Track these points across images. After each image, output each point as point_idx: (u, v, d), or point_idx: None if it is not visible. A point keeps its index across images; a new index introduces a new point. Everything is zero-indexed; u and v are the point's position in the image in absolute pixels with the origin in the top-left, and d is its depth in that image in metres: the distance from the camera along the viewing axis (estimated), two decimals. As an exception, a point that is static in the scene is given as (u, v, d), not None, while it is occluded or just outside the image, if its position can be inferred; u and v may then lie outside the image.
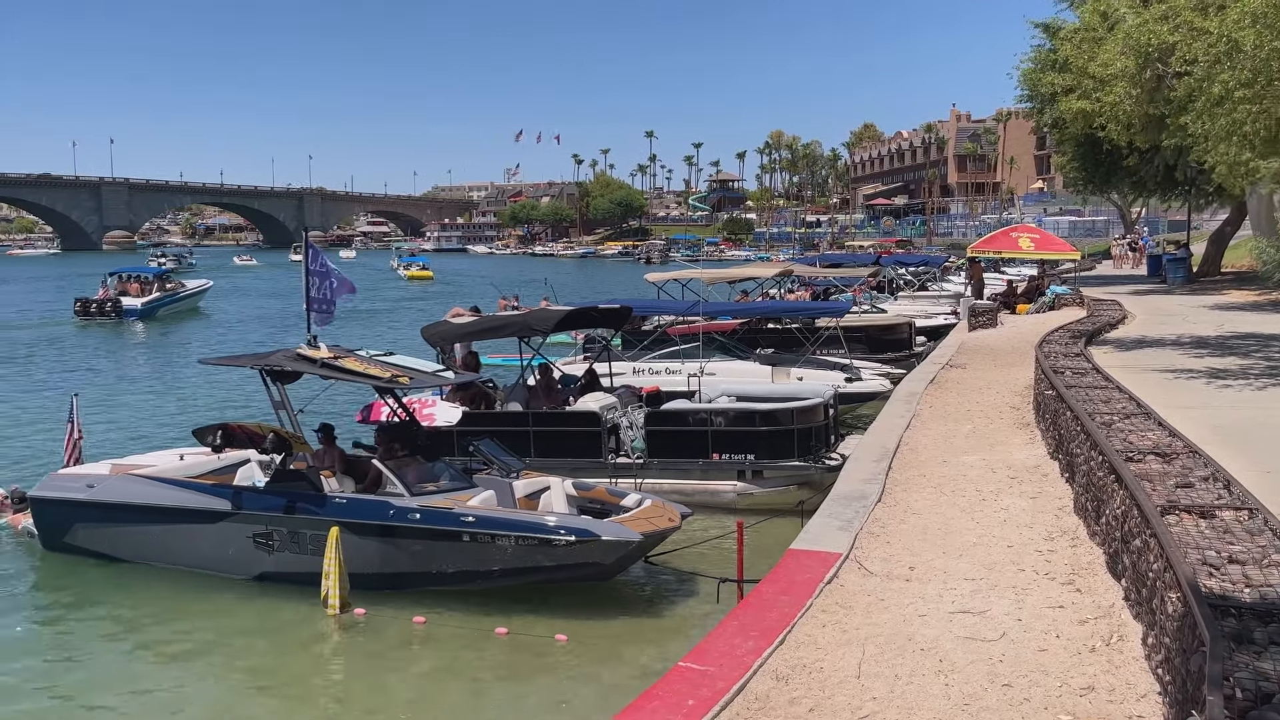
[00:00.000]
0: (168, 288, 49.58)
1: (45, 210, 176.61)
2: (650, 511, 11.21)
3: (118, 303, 45.19)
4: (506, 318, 17.98)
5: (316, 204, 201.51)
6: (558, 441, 14.29)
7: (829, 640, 6.21)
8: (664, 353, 20.52)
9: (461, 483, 11.45)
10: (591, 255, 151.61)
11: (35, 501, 12.55)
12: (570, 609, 10.46)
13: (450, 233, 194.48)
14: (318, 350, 11.68)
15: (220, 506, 11.45)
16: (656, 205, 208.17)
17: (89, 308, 45.06)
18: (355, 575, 10.67)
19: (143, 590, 11.51)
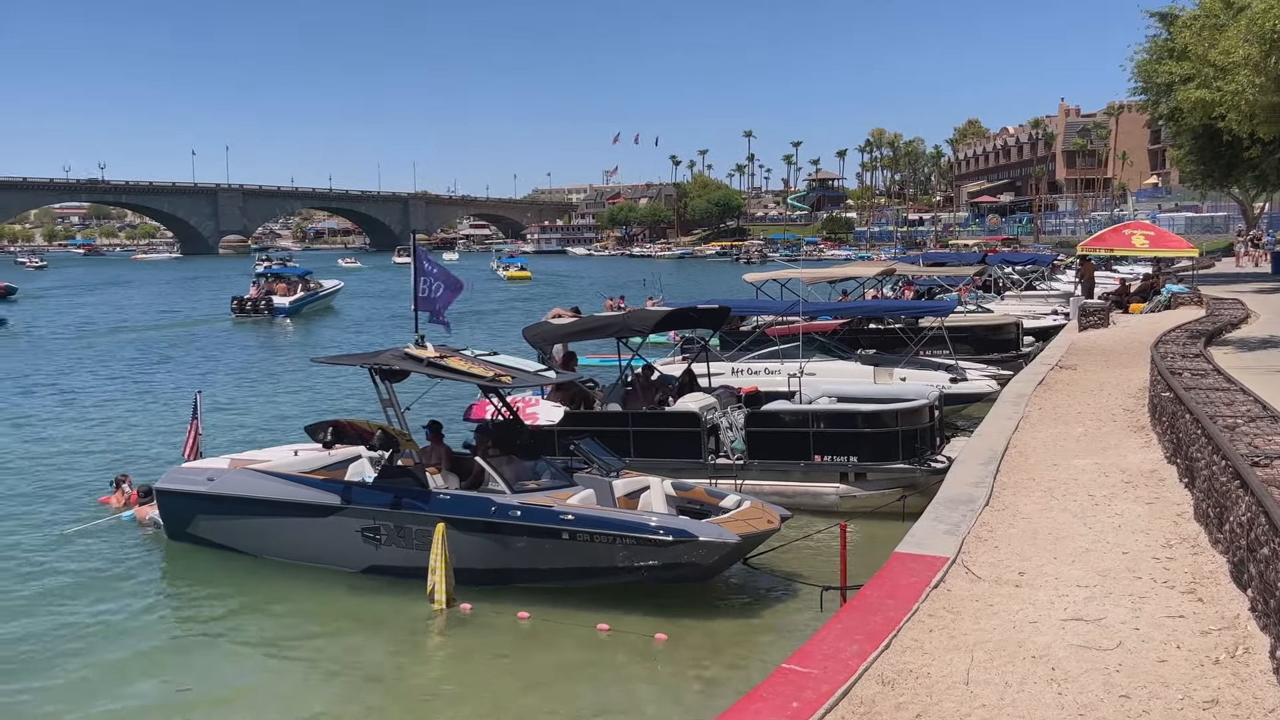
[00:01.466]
0: (309, 287, 52.75)
1: (166, 216, 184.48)
2: (749, 513, 11.15)
3: (270, 301, 48.52)
4: (606, 318, 18.09)
5: (421, 208, 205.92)
6: (657, 442, 14.31)
7: (936, 645, 6.09)
8: (763, 353, 20.39)
9: (562, 481, 11.57)
10: (689, 256, 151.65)
11: (160, 493, 13.11)
12: (670, 608, 10.48)
13: (550, 235, 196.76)
14: (424, 350, 11.94)
15: (330, 501, 11.79)
16: (754, 205, 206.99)
17: (244, 306, 48.38)
18: (460, 570, 10.86)
19: (257, 581, 11.93)
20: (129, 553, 13.02)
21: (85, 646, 10.17)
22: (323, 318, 51.56)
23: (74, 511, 14.63)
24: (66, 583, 11.89)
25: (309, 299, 51.92)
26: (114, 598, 11.48)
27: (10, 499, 15.60)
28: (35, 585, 11.82)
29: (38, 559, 12.70)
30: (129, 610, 11.17)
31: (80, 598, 11.44)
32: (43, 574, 12.18)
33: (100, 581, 11.96)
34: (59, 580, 11.98)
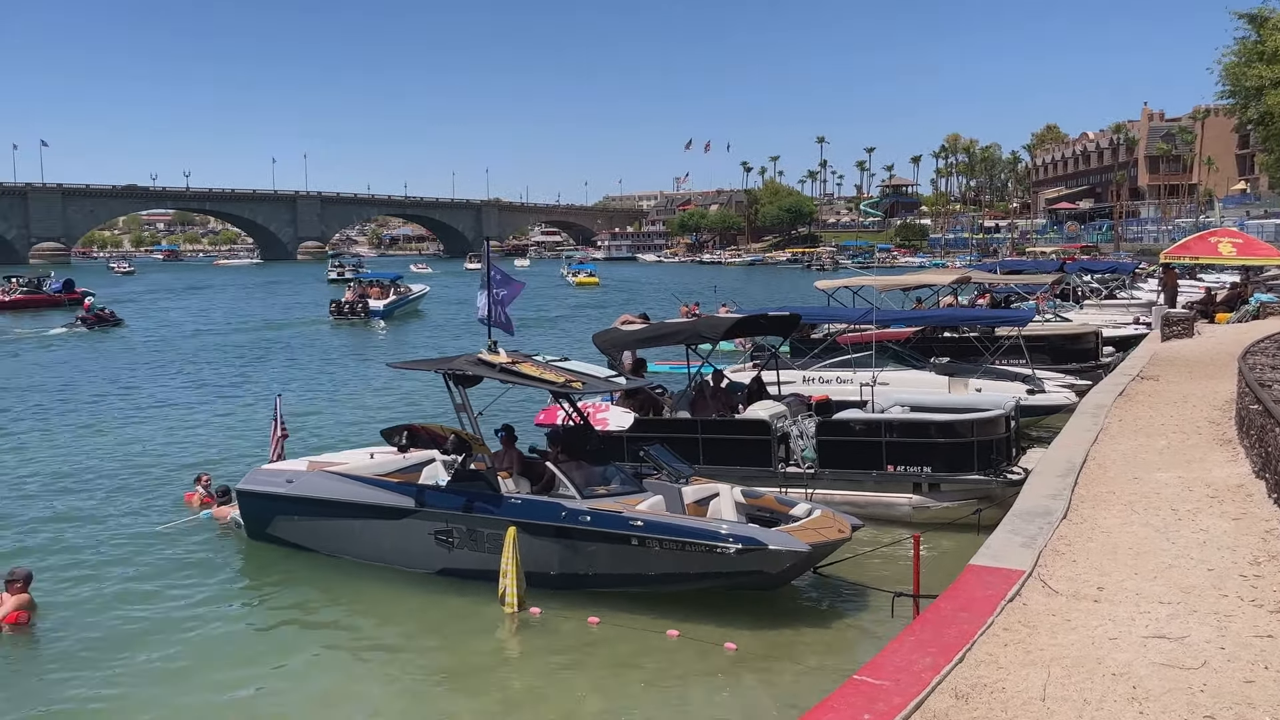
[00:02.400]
0: (400, 291, 55.41)
1: (247, 223, 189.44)
2: (820, 522, 11.07)
3: (365, 304, 50.93)
4: (676, 325, 18.10)
5: (494, 214, 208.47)
6: (727, 449, 14.29)
7: (1011, 660, 5.99)
8: (834, 361, 20.20)
9: (631, 487, 11.61)
10: (759, 262, 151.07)
11: (241, 494, 13.46)
12: (740, 616, 10.45)
13: (620, 241, 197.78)
14: (497, 355, 12.08)
15: (405, 504, 11.98)
16: (826, 211, 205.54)
17: (342, 308, 51.02)
18: (530, 574, 10.95)
19: (332, 581, 12.17)
20: (209, 551, 13.39)
21: (165, 642, 10.46)
22: (411, 320, 53.83)
23: (159, 509, 15.07)
24: (149, 579, 12.26)
25: (400, 302, 54.28)
26: (194, 595, 11.80)
27: (102, 495, 16.15)
28: (119, 581, 12.21)
29: (123, 555, 13.12)
30: (208, 608, 11.46)
31: (161, 594, 11.78)
32: (127, 570, 12.58)
33: (181, 579, 12.30)
34: (142, 576, 12.35)
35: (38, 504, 15.69)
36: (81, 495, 16.24)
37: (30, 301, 59.18)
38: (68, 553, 13.20)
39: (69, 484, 17.05)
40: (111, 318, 49.47)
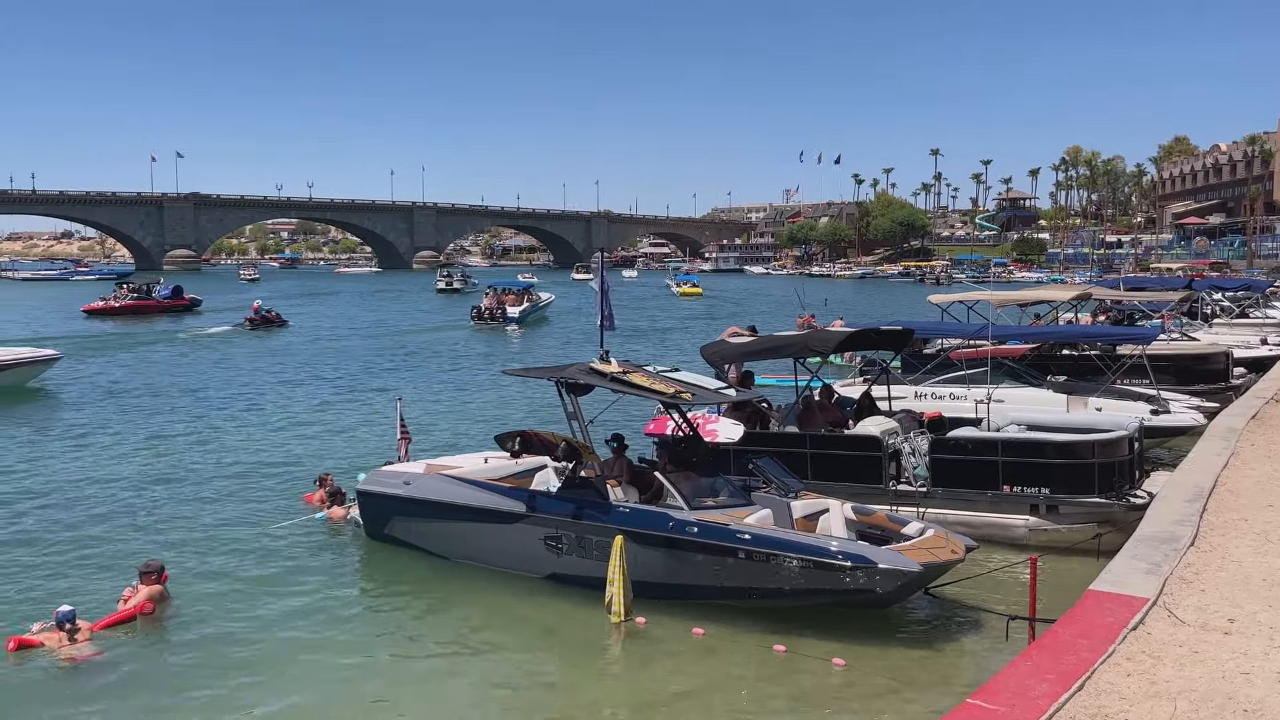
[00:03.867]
0: (532, 299, 59.17)
1: (366, 232, 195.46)
2: (933, 542, 10.87)
3: (504, 310, 54.67)
4: (786, 338, 17.98)
5: (603, 226, 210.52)
6: (836, 465, 14.12)
7: (1135, 691, 5.79)
8: (948, 377, 19.79)
9: (740, 499, 11.57)
10: (870, 276, 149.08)
11: (361, 494, 13.89)
12: (849, 633, 10.32)
13: (728, 254, 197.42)
14: (609, 365, 12.21)
15: (516, 509, 12.19)
16: (940, 225, 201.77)
17: (482, 314, 54.50)
18: (637, 583, 11.01)
19: (444, 582, 12.44)
20: (328, 550, 13.84)
21: (281, 636, 10.83)
22: (541, 326, 56.78)
23: (282, 508, 15.64)
24: (270, 575, 12.71)
25: (532, 309, 57.83)
26: (310, 591, 12.19)
27: (233, 491, 16.85)
28: (242, 575, 12.69)
29: (247, 551, 13.64)
30: (322, 604, 11.81)
31: (280, 590, 12.19)
32: (250, 565, 13.08)
33: (299, 576, 12.73)
34: (263, 572, 12.82)
35: (175, 497, 16.47)
36: (214, 490, 16.99)
37: (140, 307, 61.19)
38: (196, 546, 13.81)
39: (205, 479, 17.88)
40: (277, 319, 53.38)
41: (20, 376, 29.15)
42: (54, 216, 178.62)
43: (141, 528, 14.75)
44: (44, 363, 30.17)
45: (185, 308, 63.64)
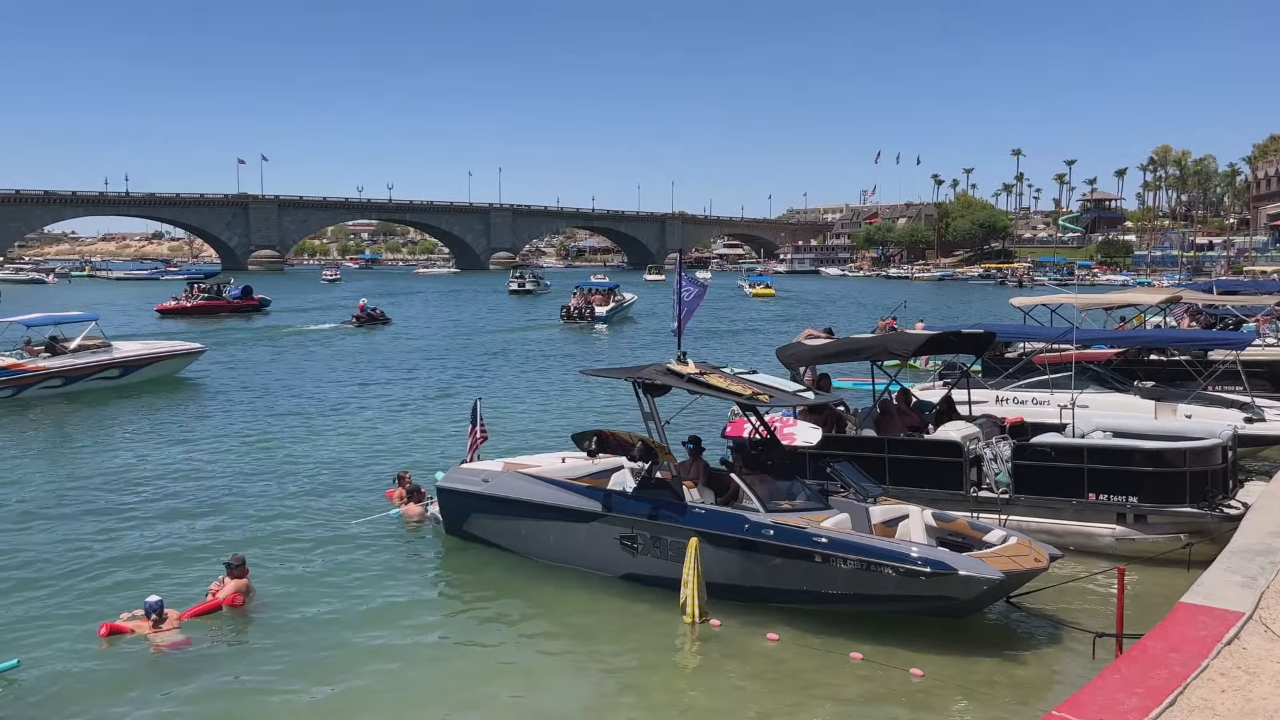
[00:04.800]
0: (617, 299, 60.84)
1: (443, 233, 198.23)
2: (1015, 549, 10.64)
3: (592, 310, 56.92)
4: (864, 340, 17.77)
5: (677, 227, 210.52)
6: (914, 470, 13.91)
7: (1229, 708, 5.61)
8: (1030, 382, 19.39)
9: (817, 503, 11.47)
10: (949, 278, 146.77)
11: (440, 491, 14.09)
12: (927, 641, 10.16)
13: (803, 255, 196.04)
14: (686, 366, 12.20)
15: (592, 507, 12.25)
16: (1022, 226, 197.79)
17: (571, 313, 56.86)
18: (711, 585, 10.99)
19: (520, 579, 12.56)
20: (407, 545, 14.07)
21: (359, 631, 11.01)
22: (626, 325, 58.13)
23: (365, 504, 15.93)
24: (351, 568, 12.96)
25: (618, 309, 59.69)
26: (389, 586, 12.40)
27: (318, 486, 17.26)
28: (324, 568, 12.97)
29: (330, 544, 13.93)
30: (401, 599, 12.02)
31: (359, 584, 12.42)
32: (332, 558, 13.35)
33: (378, 570, 12.95)
34: (345, 565, 13.07)
35: (265, 490, 16.93)
36: (303, 484, 17.45)
37: (212, 307, 62.49)
38: (281, 539, 14.15)
39: (295, 473, 18.39)
40: (381, 317, 55.73)
41: (171, 368, 31.16)
42: (146, 218, 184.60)
43: (229, 520, 15.17)
44: (191, 355, 32.14)
45: (254, 307, 65.13)
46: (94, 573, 12.76)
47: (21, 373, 26.96)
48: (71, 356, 28.13)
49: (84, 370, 28.14)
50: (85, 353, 28.56)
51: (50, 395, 27.20)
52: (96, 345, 29.24)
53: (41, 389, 27.19)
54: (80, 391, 27.73)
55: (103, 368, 28.69)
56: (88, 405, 26.42)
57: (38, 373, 27.20)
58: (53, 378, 27.46)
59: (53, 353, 28.17)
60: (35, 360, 27.60)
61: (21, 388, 26.92)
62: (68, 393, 27.50)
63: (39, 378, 27.21)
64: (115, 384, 28.87)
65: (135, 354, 29.98)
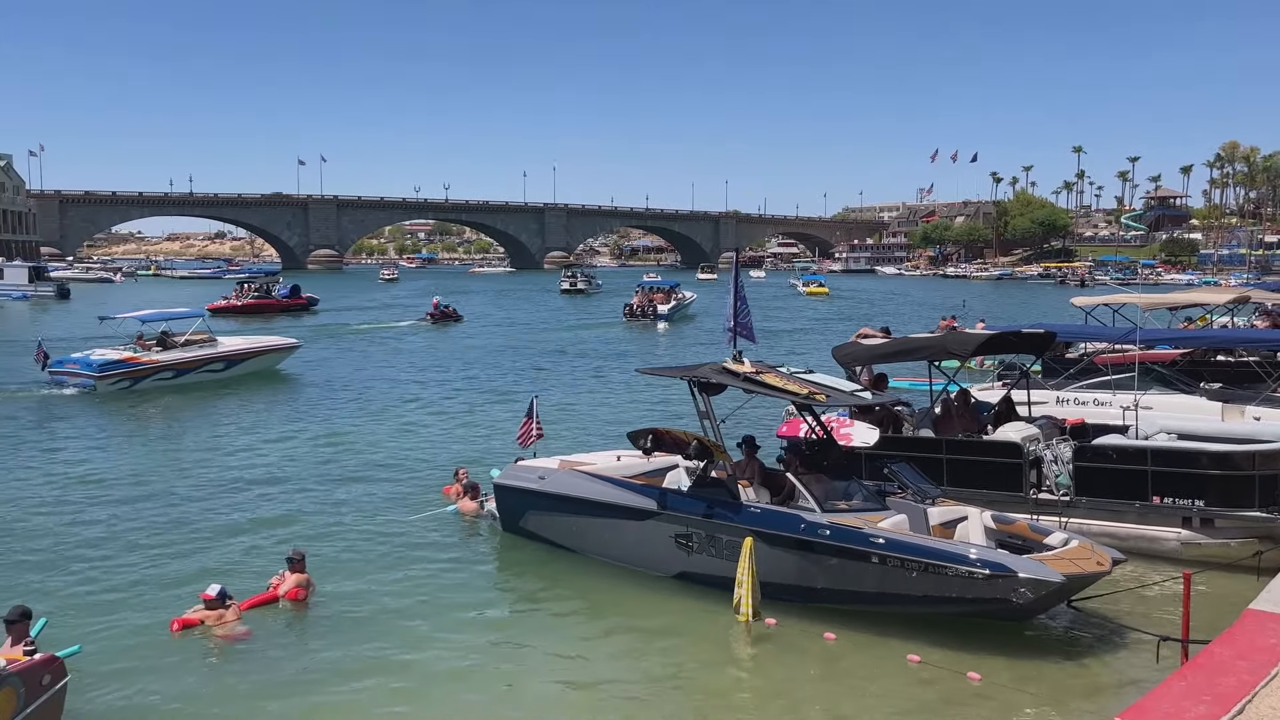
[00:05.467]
0: (678, 297, 62.10)
1: (499, 233, 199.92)
2: (1077, 552, 10.48)
3: (655, 308, 58.32)
4: (922, 340, 17.58)
5: (731, 226, 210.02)
6: (973, 471, 13.74)
7: (1302, 717, 5.48)
8: (1091, 382, 19.04)
9: (874, 504, 11.39)
10: (1008, 277, 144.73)
11: (497, 488, 14.22)
12: (986, 644, 10.05)
13: (859, 254, 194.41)
14: (742, 365, 12.18)
15: (647, 506, 12.27)
16: (1083, 224, 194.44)
17: (634, 311, 58.33)
18: (766, 585, 10.96)
19: (575, 577, 12.63)
20: (464, 541, 14.22)
21: (416, 626, 11.14)
22: (687, 323, 59.08)
23: (422, 500, 16.11)
24: (409, 563, 13.11)
25: (679, 307, 60.93)
26: (447, 581, 12.54)
27: (378, 481, 17.52)
28: (382, 563, 13.14)
29: (388, 539, 14.12)
30: (458, 594, 12.14)
31: (417, 579, 12.56)
32: (391, 553, 13.52)
33: (437, 565, 13.09)
34: (403, 560, 13.23)
35: (327, 485, 17.22)
36: (364, 479, 17.72)
37: (261, 306, 63.56)
38: (341, 534, 14.36)
39: (359, 466, 18.78)
40: (454, 314, 57.57)
41: (270, 361, 32.65)
42: (208, 218, 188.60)
43: (291, 512, 15.45)
44: (288, 350, 33.56)
45: (302, 306, 66.13)
46: (160, 560, 13.09)
47: (137, 365, 28.66)
48: (181, 350, 29.97)
49: (192, 364, 29.92)
50: (193, 347, 30.40)
51: (161, 387, 28.87)
52: (203, 340, 31.05)
53: (154, 381, 28.86)
54: (188, 384, 29.46)
55: (208, 361, 30.38)
56: (194, 397, 27.84)
57: (152, 365, 28.89)
58: (164, 370, 29.20)
59: (164, 347, 29.83)
60: (149, 354, 29.21)
61: (137, 379, 28.61)
62: (177, 384, 29.22)
63: (152, 370, 28.91)
64: (219, 376, 30.50)
65: (238, 348, 31.65)
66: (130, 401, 27.00)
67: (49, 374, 28.54)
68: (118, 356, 28.70)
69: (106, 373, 27.98)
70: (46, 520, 14.95)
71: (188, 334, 30.82)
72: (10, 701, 7.16)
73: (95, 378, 27.81)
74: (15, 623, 8.60)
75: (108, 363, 28.25)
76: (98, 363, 28.18)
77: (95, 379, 27.80)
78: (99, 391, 27.61)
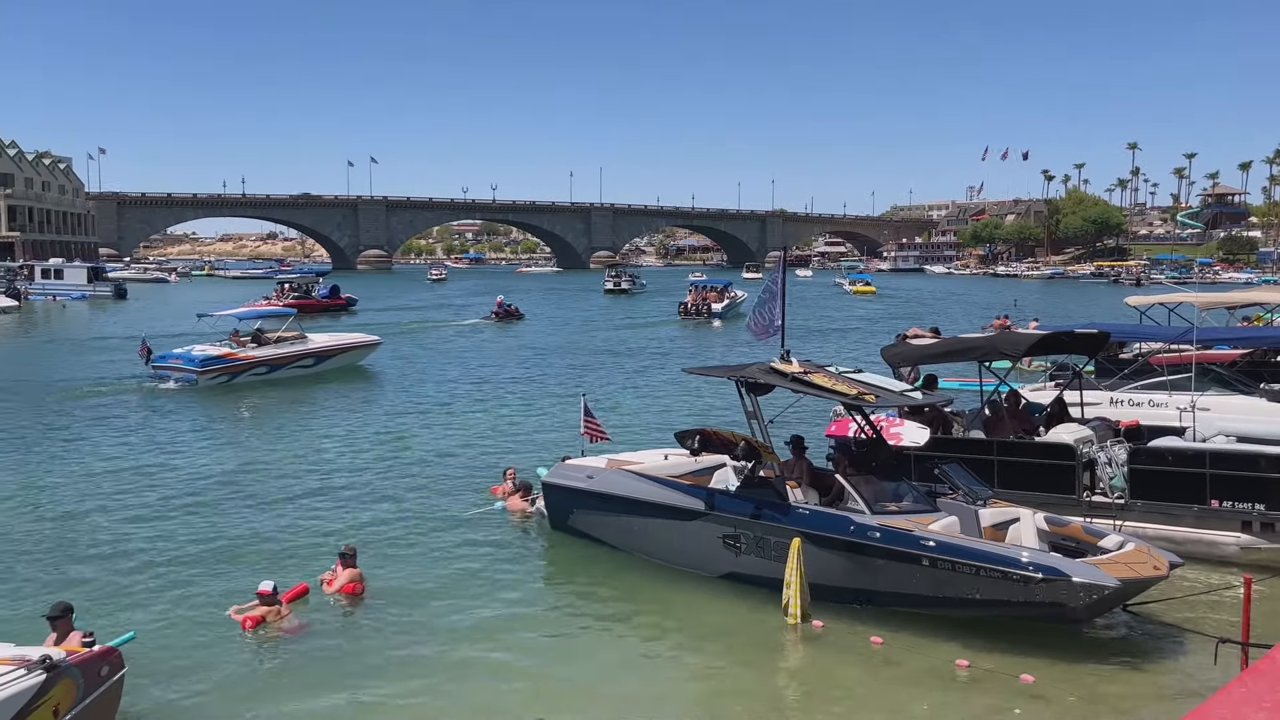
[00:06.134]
0: (730, 296, 62.98)
1: (545, 233, 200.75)
2: (1133, 556, 10.30)
3: (709, 306, 59.50)
4: (973, 340, 17.38)
5: (778, 226, 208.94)
6: (1024, 473, 13.54)
7: (1369, 727, 5.33)
8: (1147, 383, 18.74)
9: (924, 505, 11.28)
10: (1059, 276, 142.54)
11: (546, 486, 14.28)
12: (1039, 648, 9.91)
13: (907, 252, 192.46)
14: (790, 365, 12.13)
15: (695, 506, 12.25)
16: (1137, 223, 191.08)
17: (688, 309, 59.63)
18: (814, 586, 10.89)
19: (623, 577, 12.64)
20: (513, 539, 14.30)
21: (467, 622, 11.24)
22: (739, 321, 59.65)
23: (472, 497, 16.24)
24: (458, 560, 13.22)
25: (731, 305, 61.47)
26: (495, 578, 12.62)
27: (427, 479, 17.66)
28: (433, 559, 13.26)
29: (436, 536, 14.24)
30: (507, 590, 12.22)
31: (467, 575, 12.67)
32: (440, 550, 13.64)
33: (485, 562, 13.18)
34: (452, 557, 13.34)
35: (375, 483, 17.39)
36: (418, 474, 17.95)
37: (301, 307, 63.05)
38: (392, 529, 14.52)
39: (413, 462, 19.01)
40: (516, 313, 59.00)
41: (354, 358, 33.94)
42: (261, 219, 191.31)
43: (343, 508, 15.67)
44: (371, 346, 34.78)
45: (341, 307, 66.99)
46: (216, 552, 13.39)
47: (236, 361, 29.92)
48: (275, 347, 31.22)
49: (284, 359, 31.15)
50: (285, 344, 31.65)
51: (256, 381, 30.04)
52: (294, 337, 32.32)
53: (250, 375, 30.11)
54: (280, 378, 30.65)
55: (300, 357, 31.60)
56: (285, 391, 29.09)
57: (249, 361, 30.21)
58: (259, 365, 30.44)
59: (258, 343, 31.06)
60: (244, 350, 30.49)
61: (235, 374, 29.81)
62: (270, 379, 30.43)
63: (248, 365, 30.19)
64: (309, 372, 31.63)
65: (326, 345, 32.93)
66: (228, 395, 28.15)
67: (151, 368, 29.77)
68: (218, 352, 29.99)
69: (208, 367, 29.24)
70: (100, 513, 15.29)
71: (280, 331, 32.10)
72: (70, 692, 7.29)
73: (197, 372, 29.04)
74: (59, 618, 8.75)
75: (209, 358, 29.52)
76: (199, 358, 29.46)
77: (197, 373, 29.03)
78: (200, 385, 28.86)
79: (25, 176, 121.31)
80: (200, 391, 28.40)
